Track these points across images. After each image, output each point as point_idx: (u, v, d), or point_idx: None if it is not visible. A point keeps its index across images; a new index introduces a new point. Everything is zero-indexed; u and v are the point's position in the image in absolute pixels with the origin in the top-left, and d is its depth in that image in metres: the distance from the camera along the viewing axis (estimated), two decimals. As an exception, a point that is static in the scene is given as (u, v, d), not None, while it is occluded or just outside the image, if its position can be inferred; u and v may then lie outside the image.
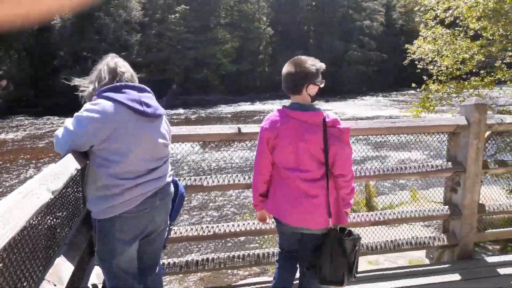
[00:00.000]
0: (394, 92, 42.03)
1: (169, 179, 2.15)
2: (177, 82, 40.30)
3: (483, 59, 7.67)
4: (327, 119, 2.13)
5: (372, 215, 2.94)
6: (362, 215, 2.90)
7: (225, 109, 34.31)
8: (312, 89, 2.20)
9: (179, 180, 2.41)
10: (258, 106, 35.70)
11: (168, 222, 2.23)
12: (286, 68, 2.20)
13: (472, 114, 2.70)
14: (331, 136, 2.10)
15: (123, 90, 1.94)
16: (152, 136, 2.03)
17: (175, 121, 27.95)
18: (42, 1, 0.44)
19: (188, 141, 2.53)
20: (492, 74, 7.73)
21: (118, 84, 1.97)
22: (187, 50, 39.10)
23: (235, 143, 2.65)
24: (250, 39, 41.79)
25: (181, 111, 33.52)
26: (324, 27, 45.28)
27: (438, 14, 8.51)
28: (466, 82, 7.74)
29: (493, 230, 3.17)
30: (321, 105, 33.60)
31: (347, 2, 46.94)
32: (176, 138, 2.45)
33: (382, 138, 2.99)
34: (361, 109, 30.31)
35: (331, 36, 44.94)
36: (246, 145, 3.08)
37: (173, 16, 38.45)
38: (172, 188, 2.18)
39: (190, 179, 2.61)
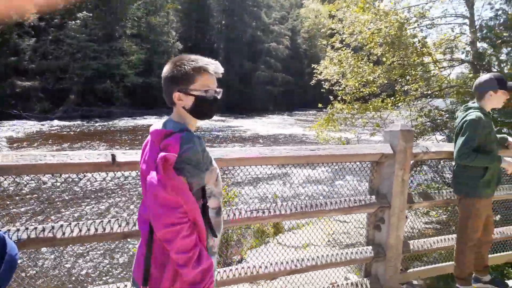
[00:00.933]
0: (299, 112, 43.86)
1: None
2: (76, 92, 37.11)
3: (386, 81, 7.91)
4: (164, 140, 1.51)
5: (287, 263, 2.41)
6: (276, 263, 2.36)
7: (129, 122, 32.30)
8: (185, 100, 1.60)
9: (7, 233, 1.59)
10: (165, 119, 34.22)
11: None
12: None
13: (397, 142, 2.37)
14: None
15: None
16: None
17: (72, 133, 25.37)
18: None
19: (34, 174, 1.71)
20: (393, 97, 8.02)
21: None
22: (88, 59, 36.33)
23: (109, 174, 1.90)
24: (159, 52, 40.43)
25: (79, 122, 30.70)
26: (234, 46, 45.79)
27: (344, 39, 8.68)
28: (369, 103, 7.91)
29: (417, 269, 2.89)
30: (230, 122, 33.66)
31: (256, 23, 48.22)
32: (12, 170, 1.62)
33: (301, 167, 2.50)
34: (268, 127, 30.81)
35: (240, 56, 45.58)
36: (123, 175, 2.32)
37: (73, 22, 35.51)
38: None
39: (34, 228, 1.76)
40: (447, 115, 6.63)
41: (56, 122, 30.85)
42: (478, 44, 7.85)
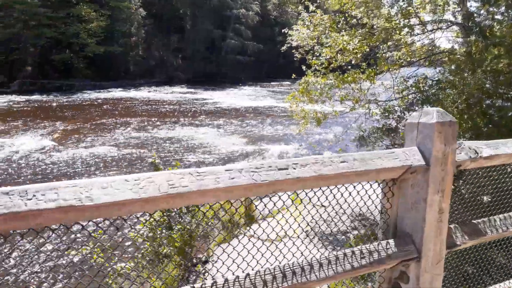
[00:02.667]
0: (271, 83, 42.64)
1: None
2: (31, 64, 34.45)
3: (366, 49, 6.97)
4: None
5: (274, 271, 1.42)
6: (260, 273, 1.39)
7: (92, 95, 30.34)
8: None
9: None
10: (131, 92, 32.49)
11: None
12: None
13: (433, 144, 1.42)
14: None
15: None
16: None
17: (28, 108, 23.40)
18: None
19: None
20: (374, 67, 7.11)
21: None
22: (43, 27, 33.53)
23: None
24: (120, 19, 37.82)
25: (37, 97, 28.49)
26: (201, 13, 43.49)
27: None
28: (346, 74, 6.98)
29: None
30: (200, 94, 32.16)
31: (223, -12, 45.85)
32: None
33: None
34: (239, 99, 29.61)
35: (208, 23, 43.43)
36: None
37: (23, -14, 32.41)
38: None
39: None
40: (437, 86, 5.79)
41: (10, 97, 28.50)
42: (468, 3, 6.98)
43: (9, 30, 32.61)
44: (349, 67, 7.25)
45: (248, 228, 7.23)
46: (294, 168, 1.34)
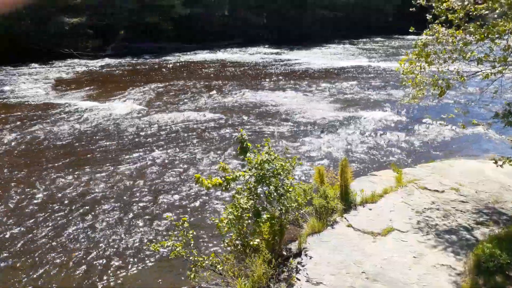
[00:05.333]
0: (363, 39, 39.40)
1: None
2: (124, 28, 35.75)
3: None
4: None
5: None
6: None
7: (178, 58, 30.70)
8: None
9: None
10: (216, 54, 32.26)
11: None
12: None
13: None
14: None
15: None
16: None
17: (119, 72, 24.32)
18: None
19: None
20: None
21: None
22: (133, -10, 34.36)
23: None
24: (205, -21, 37.31)
25: (128, 60, 29.61)
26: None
27: None
28: (490, 26, 5.25)
29: None
30: (285, 54, 30.79)
31: None
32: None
33: None
34: (327, 59, 27.67)
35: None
36: None
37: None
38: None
39: None
40: None
41: (106, 61, 29.98)
42: None
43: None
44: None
45: (344, 215, 6.16)
46: None
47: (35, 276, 5.84)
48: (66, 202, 7.97)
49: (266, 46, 35.89)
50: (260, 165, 5.54)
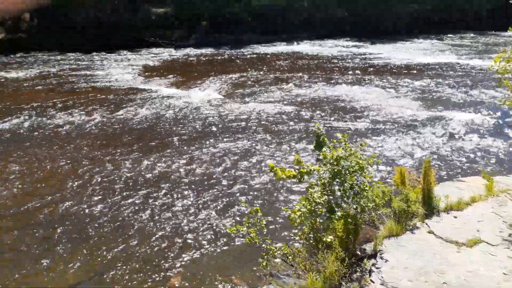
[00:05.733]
0: (451, 35, 36.62)
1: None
2: (207, 19, 36.90)
3: None
4: None
5: None
6: None
7: (257, 49, 31.10)
8: None
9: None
10: (294, 46, 32.16)
11: None
12: None
13: None
14: None
15: None
16: None
17: (200, 61, 25.24)
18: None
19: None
20: None
21: None
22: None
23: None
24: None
25: (209, 50, 30.63)
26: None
27: None
28: None
29: None
30: (366, 48, 29.72)
31: None
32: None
33: None
34: (412, 54, 26.15)
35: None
36: None
37: None
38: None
39: None
40: None
41: (188, 50, 31.29)
42: None
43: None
44: None
45: (425, 220, 5.78)
46: None
47: (121, 247, 6.29)
48: (147, 183, 8.47)
49: (346, 39, 34.89)
50: (336, 161, 5.41)
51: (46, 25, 30.36)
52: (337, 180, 5.36)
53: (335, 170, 5.37)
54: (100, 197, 7.83)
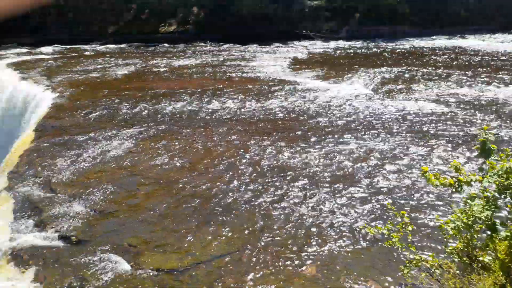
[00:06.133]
0: None
1: None
2: (359, 11, 35.94)
3: None
4: None
5: None
6: None
7: (412, 43, 29.05)
8: None
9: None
10: (457, 41, 29.02)
11: None
12: None
13: None
14: None
15: None
16: None
17: (349, 54, 24.74)
18: None
19: None
20: None
21: None
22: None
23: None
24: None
25: (358, 43, 29.84)
26: None
27: None
28: None
29: None
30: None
31: None
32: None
33: None
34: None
35: None
36: None
37: None
38: None
39: None
40: None
41: (339, 43, 31.00)
42: None
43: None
44: None
45: None
46: None
47: (259, 229, 6.65)
48: (289, 170, 8.71)
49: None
50: (506, 174, 4.67)
51: (212, 18, 33.69)
52: (506, 195, 4.63)
53: (504, 184, 4.65)
54: (247, 179, 8.36)
